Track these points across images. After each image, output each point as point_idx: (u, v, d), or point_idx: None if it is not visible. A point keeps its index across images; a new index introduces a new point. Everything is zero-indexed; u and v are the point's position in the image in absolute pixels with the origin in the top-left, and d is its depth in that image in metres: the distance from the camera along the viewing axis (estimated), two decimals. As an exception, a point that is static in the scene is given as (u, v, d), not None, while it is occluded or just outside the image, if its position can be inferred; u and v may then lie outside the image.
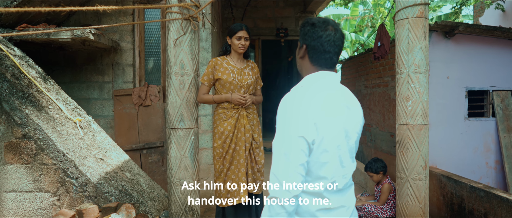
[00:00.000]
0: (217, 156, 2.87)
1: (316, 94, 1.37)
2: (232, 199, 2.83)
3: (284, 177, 1.25)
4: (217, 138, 2.87)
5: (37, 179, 2.85)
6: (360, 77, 7.03)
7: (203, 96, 2.89)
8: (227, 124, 2.87)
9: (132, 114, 4.53)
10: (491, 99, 4.60)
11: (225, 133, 2.86)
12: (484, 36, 4.52)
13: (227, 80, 2.87)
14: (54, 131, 2.95)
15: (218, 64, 2.93)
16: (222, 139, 2.85)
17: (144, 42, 4.75)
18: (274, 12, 7.84)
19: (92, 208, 2.57)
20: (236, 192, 2.83)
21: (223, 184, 2.86)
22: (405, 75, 2.92)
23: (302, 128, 1.28)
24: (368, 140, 6.63)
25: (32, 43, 3.93)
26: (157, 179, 4.38)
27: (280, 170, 1.26)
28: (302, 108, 1.30)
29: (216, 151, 2.88)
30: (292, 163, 1.26)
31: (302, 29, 1.47)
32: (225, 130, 2.86)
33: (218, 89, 2.93)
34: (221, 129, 2.86)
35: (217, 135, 2.87)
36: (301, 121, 1.28)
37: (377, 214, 3.09)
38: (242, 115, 2.89)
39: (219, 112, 2.90)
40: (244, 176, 2.86)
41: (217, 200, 2.89)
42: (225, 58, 2.97)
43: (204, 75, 2.93)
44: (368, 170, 3.24)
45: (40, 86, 3.21)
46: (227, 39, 2.98)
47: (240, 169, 2.87)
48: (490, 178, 4.64)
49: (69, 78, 4.65)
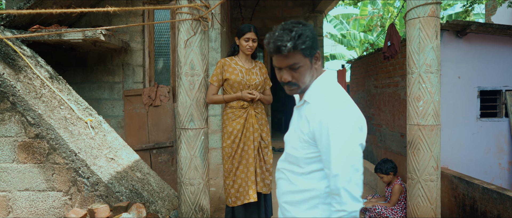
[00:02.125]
0: (226, 156, 2.87)
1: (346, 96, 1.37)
2: (242, 199, 2.84)
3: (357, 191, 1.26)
4: (226, 138, 2.87)
5: (49, 178, 2.89)
6: (369, 77, 6.98)
7: (212, 96, 2.89)
8: (236, 124, 2.87)
9: (142, 114, 4.57)
10: (504, 99, 4.52)
11: (234, 133, 2.86)
12: (497, 35, 4.44)
13: (236, 80, 2.88)
14: (66, 131, 2.99)
15: (226, 64, 2.93)
16: (231, 138, 2.86)
17: (154, 42, 4.78)
18: (283, 12, 7.83)
19: (103, 208, 2.59)
20: (245, 191, 2.85)
21: (232, 184, 2.87)
22: (416, 75, 2.89)
23: (357, 135, 1.29)
24: (378, 141, 6.58)
25: (44, 44, 3.99)
26: (167, 178, 4.41)
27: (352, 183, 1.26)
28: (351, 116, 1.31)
29: (225, 150, 2.88)
30: (360, 173, 1.28)
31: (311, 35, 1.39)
32: (234, 130, 2.86)
33: (227, 90, 2.94)
34: (230, 128, 2.87)
35: (226, 134, 2.88)
36: (355, 128, 1.29)
37: (388, 215, 3.06)
38: (251, 115, 2.89)
39: (228, 111, 2.90)
40: (253, 176, 2.86)
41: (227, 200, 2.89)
42: (233, 59, 2.98)
43: (213, 75, 2.93)
44: (378, 171, 3.22)
45: (52, 87, 3.25)
46: (236, 39, 2.97)
47: (249, 168, 2.87)
48: (503, 179, 4.56)
49: (80, 78, 4.71)
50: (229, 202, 2.88)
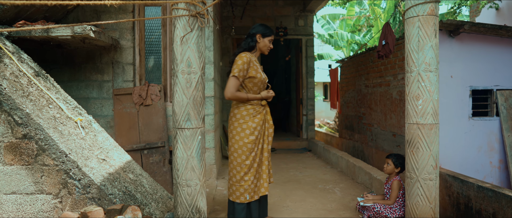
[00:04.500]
0: (248, 151, 2.84)
1: None
2: (258, 193, 2.88)
3: None
4: (249, 134, 2.83)
5: (38, 180, 2.76)
6: (360, 77, 7.00)
7: (237, 92, 2.83)
8: (258, 120, 2.88)
9: (133, 113, 4.44)
10: (495, 98, 4.59)
11: (258, 128, 2.86)
12: (488, 35, 4.50)
13: (260, 79, 2.90)
14: (55, 131, 2.86)
15: (252, 61, 2.89)
16: (255, 134, 2.84)
17: (144, 40, 4.66)
18: (274, 10, 7.78)
19: (97, 211, 2.48)
20: (261, 185, 2.91)
21: (253, 179, 2.86)
22: (415, 74, 2.88)
23: None
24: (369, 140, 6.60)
25: (30, 40, 3.82)
26: (159, 180, 4.30)
27: None
28: None
29: (247, 146, 2.83)
30: None
31: None
32: (258, 126, 2.87)
33: (249, 87, 2.90)
34: (253, 124, 2.85)
35: (248, 130, 2.84)
36: None
37: (386, 214, 3.04)
38: (267, 112, 2.95)
39: (248, 108, 2.87)
40: (266, 170, 2.93)
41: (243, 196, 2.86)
42: (252, 55, 2.95)
43: (239, 70, 2.81)
44: (392, 158, 3.20)
45: (40, 85, 3.11)
46: (258, 37, 2.95)
47: (264, 162, 2.92)
48: (494, 178, 4.63)
49: (68, 77, 4.55)
50: (247, 198, 2.85)
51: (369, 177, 4.22)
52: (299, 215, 3.36)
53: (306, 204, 3.66)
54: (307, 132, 7.93)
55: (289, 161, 6.17)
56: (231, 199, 2.91)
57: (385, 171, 3.26)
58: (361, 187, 4.30)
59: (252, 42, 2.97)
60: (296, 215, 3.35)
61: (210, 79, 4.58)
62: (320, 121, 16.93)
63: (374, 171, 4.25)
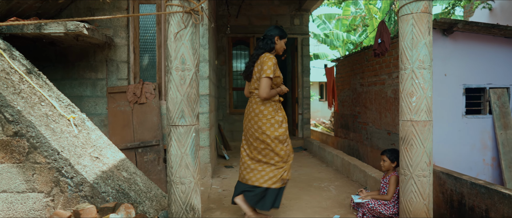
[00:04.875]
0: (284, 141, 3.09)
1: None
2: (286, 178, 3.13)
3: None
4: (278, 127, 3.07)
5: (29, 179, 2.73)
6: (355, 75, 7.01)
7: (271, 92, 3.06)
8: (281, 113, 3.15)
9: (127, 112, 4.42)
10: (488, 96, 4.61)
11: (284, 120, 3.13)
12: (481, 34, 4.53)
13: (281, 78, 3.16)
14: (47, 129, 2.83)
15: (275, 62, 3.10)
16: (284, 126, 3.10)
17: (139, 38, 4.64)
18: (269, 9, 7.78)
19: (90, 209, 2.46)
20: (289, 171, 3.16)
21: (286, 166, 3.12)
22: (409, 71, 2.88)
23: None
24: (364, 138, 6.61)
25: (22, 38, 3.79)
26: (153, 178, 4.28)
27: None
28: None
29: (283, 136, 3.08)
30: None
31: None
32: (284, 118, 3.14)
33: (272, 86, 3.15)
34: (280, 117, 3.11)
35: (277, 124, 3.07)
36: None
37: (381, 210, 3.05)
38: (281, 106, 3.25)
39: (272, 104, 3.11)
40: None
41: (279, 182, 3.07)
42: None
43: (272, 71, 3.04)
44: (387, 154, 3.22)
45: (32, 82, 3.08)
46: (276, 39, 3.16)
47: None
48: (487, 175, 4.66)
49: (61, 75, 4.51)
50: (282, 183, 3.09)
51: (363, 174, 4.23)
52: (293, 212, 3.35)
53: (301, 202, 3.66)
54: (302, 131, 7.93)
55: (284, 159, 6.16)
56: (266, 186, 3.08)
57: (383, 168, 3.27)
58: (356, 185, 4.31)
59: (272, 43, 3.15)
60: (290, 213, 3.34)
61: (205, 77, 4.56)
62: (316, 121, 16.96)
63: (369, 169, 4.26)
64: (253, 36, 7.76)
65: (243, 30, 7.69)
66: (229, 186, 4.30)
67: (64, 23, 3.62)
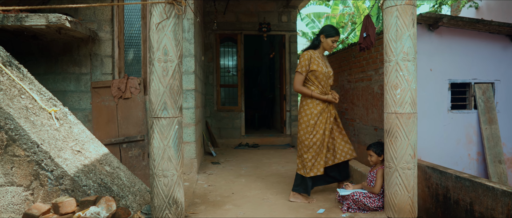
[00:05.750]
0: (308, 134, 3.37)
1: None
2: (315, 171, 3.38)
3: None
4: (310, 119, 3.38)
5: (8, 172, 2.66)
6: (343, 72, 7.03)
7: (301, 87, 3.41)
8: (320, 108, 3.39)
9: (111, 107, 4.35)
10: (473, 91, 4.66)
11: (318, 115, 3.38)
12: (466, 29, 4.57)
13: (321, 71, 3.38)
14: (27, 121, 2.76)
15: (313, 57, 3.40)
16: (315, 120, 3.38)
17: (123, 32, 4.57)
18: (257, 6, 7.75)
19: (69, 201, 2.40)
20: (320, 165, 3.39)
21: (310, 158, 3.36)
22: (393, 63, 2.89)
23: None
24: (352, 135, 6.64)
25: (2, 30, 3.70)
26: (138, 174, 4.22)
27: None
28: None
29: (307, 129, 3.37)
30: None
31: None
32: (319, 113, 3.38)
33: (311, 79, 3.42)
34: (315, 111, 3.38)
35: (311, 115, 3.38)
36: None
37: (366, 203, 3.05)
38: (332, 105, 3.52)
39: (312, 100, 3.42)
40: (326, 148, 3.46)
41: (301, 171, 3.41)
42: (315, 52, 3.47)
43: (302, 66, 3.38)
44: (372, 149, 3.23)
45: (11, 75, 3.00)
46: (322, 37, 3.46)
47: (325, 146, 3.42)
48: (472, 170, 4.70)
49: (44, 69, 4.42)
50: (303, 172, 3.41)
51: (350, 169, 4.23)
52: (278, 206, 3.34)
53: (286, 196, 3.64)
54: (290, 128, 7.93)
55: (272, 156, 6.15)
56: (297, 171, 3.49)
57: (371, 163, 3.27)
58: (342, 180, 4.31)
59: (316, 41, 3.49)
60: (275, 207, 3.32)
61: (191, 72, 4.51)
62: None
63: (355, 163, 4.27)
64: (240, 33, 7.72)
65: (230, 27, 7.65)
66: (214, 181, 4.26)
67: (46, 15, 3.54)
